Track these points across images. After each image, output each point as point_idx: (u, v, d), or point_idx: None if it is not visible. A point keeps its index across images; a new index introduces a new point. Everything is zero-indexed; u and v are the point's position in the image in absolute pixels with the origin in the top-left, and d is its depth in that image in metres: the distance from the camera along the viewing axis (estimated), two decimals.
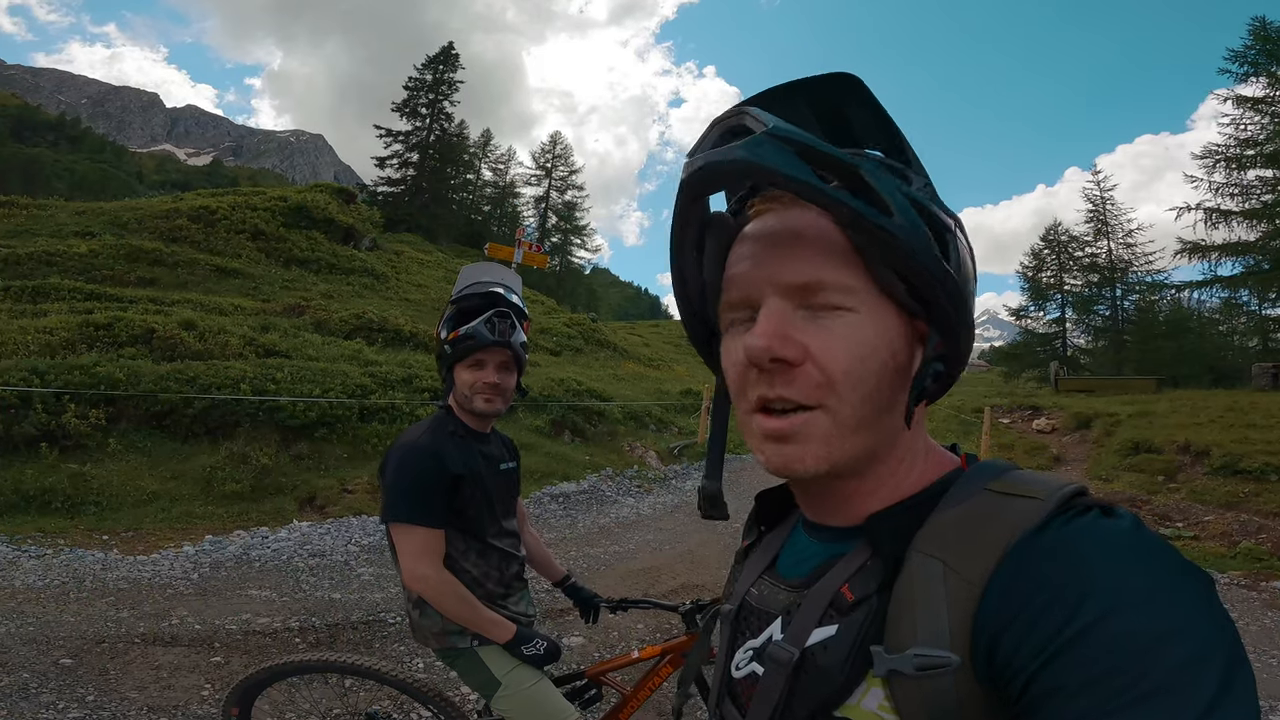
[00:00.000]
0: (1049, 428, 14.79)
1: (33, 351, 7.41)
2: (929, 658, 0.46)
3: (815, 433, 0.53)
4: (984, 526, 0.49)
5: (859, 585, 0.54)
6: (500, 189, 47.82)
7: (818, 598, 0.56)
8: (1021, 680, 0.43)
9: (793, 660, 0.55)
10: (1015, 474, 0.54)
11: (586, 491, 8.07)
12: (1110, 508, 0.48)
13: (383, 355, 10.69)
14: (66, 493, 5.84)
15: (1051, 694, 0.41)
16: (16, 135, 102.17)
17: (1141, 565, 0.43)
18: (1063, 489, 0.49)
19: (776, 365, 0.52)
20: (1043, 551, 0.46)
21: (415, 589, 1.74)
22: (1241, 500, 8.22)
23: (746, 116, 0.52)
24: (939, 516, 0.53)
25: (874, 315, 0.53)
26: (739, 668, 0.63)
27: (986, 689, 0.45)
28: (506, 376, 1.85)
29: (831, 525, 0.60)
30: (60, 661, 3.32)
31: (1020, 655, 0.43)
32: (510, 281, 1.91)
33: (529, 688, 1.80)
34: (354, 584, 4.75)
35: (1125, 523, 0.47)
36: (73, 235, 14.92)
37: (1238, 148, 20.67)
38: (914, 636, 0.48)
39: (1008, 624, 0.44)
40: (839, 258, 0.53)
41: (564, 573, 2.22)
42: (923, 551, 0.51)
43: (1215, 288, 21.16)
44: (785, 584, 0.62)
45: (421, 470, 1.72)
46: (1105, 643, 0.40)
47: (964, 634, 0.46)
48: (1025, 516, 0.48)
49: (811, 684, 0.53)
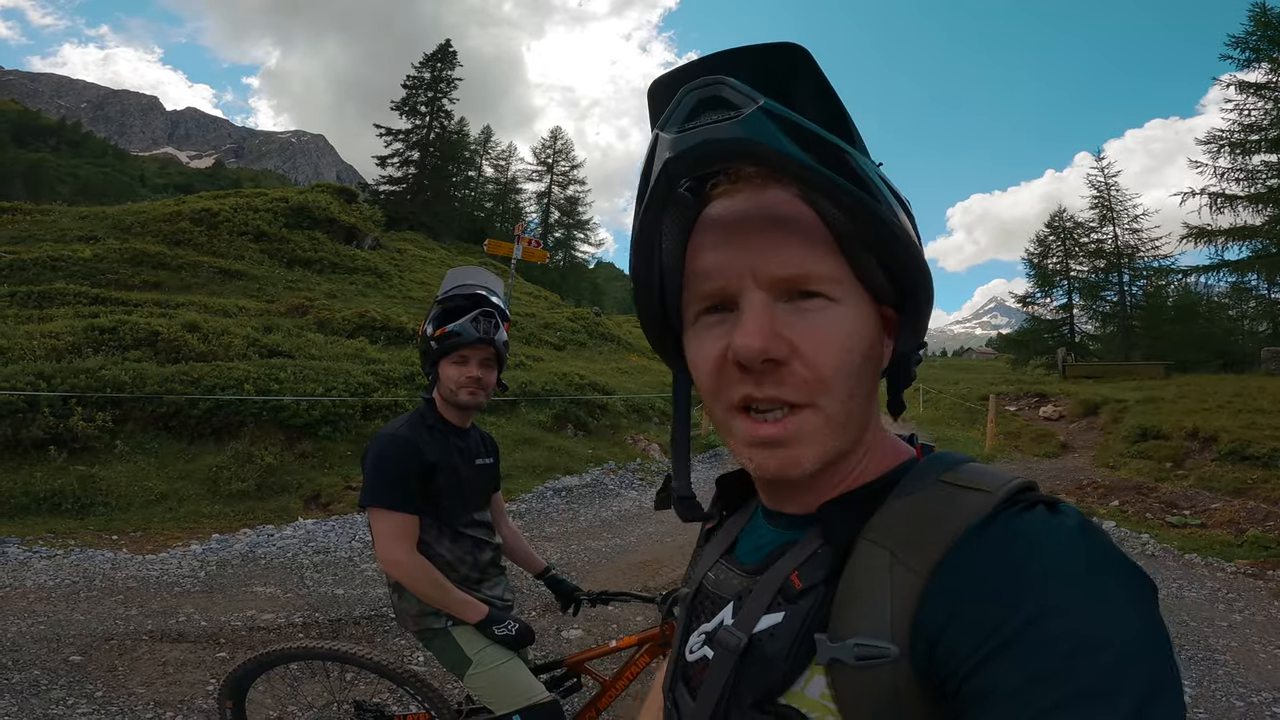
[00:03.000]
0: (1056, 415, 14.73)
1: (39, 356, 7.47)
2: (869, 648, 0.46)
3: (808, 433, 0.51)
4: (932, 518, 0.49)
5: (808, 573, 0.53)
6: (502, 185, 47.81)
7: (768, 584, 0.56)
8: (958, 678, 0.42)
9: (740, 646, 0.54)
10: (968, 466, 0.54)
11: (589, 485, 8.09)
12: (1056, 503, 0.48)
13: (385, 353, 10.74)
14: (76, 494, 5.90)
15: (985, 694, 0.41)
16: (17, 140, 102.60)
17: (1081, 566, 0.43)
18: (1010, 483, 0.49)
19: (767, 365, 0.50)
20: (986, 547, 0.45)
21: (388, 571, 1.82)
22: (1250, 487, 8.17)
23: (724, 87, 0.48)
24: (890, 506, 0.52)
25: (855, 305, 0.52)
26: (692, 651, 0.62)
27: (924, 682, 0.44)
28: (488, 372, 1.93)
29: (788, 512, 0.60)
30: (70, 659, 3.37)
31: (958, 652, 0.43)
32: (494, 285, 2.00)
33: (499, 665, 1.86)
34: (357, 579, 4.79)
35: (1070, 520, 0.46)
36: (76, 240, 15.03)
37: (1242, 133, 20.48)
38: (857, 626, 0.47)
39: (948, 619, 0.44)
40: (822, 246, 0.51)
41: (544, 565, 2.28)
42: (871, 540, 0.50)
43: (1223, 272, 21.01)
44: (740, 569, 0.62)
45: (398, 458, 1.80)
46: (1039, 644, 0.40)
47: (905, 626, 0.46)
48: (972, 510, 0.48)
49: (757, 670, 0.53)
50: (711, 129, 0.46)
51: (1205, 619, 4.65)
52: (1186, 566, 5.91)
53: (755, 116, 0.45)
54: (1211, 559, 6.05)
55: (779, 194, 0.51)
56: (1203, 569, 5.82)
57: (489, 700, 1.88)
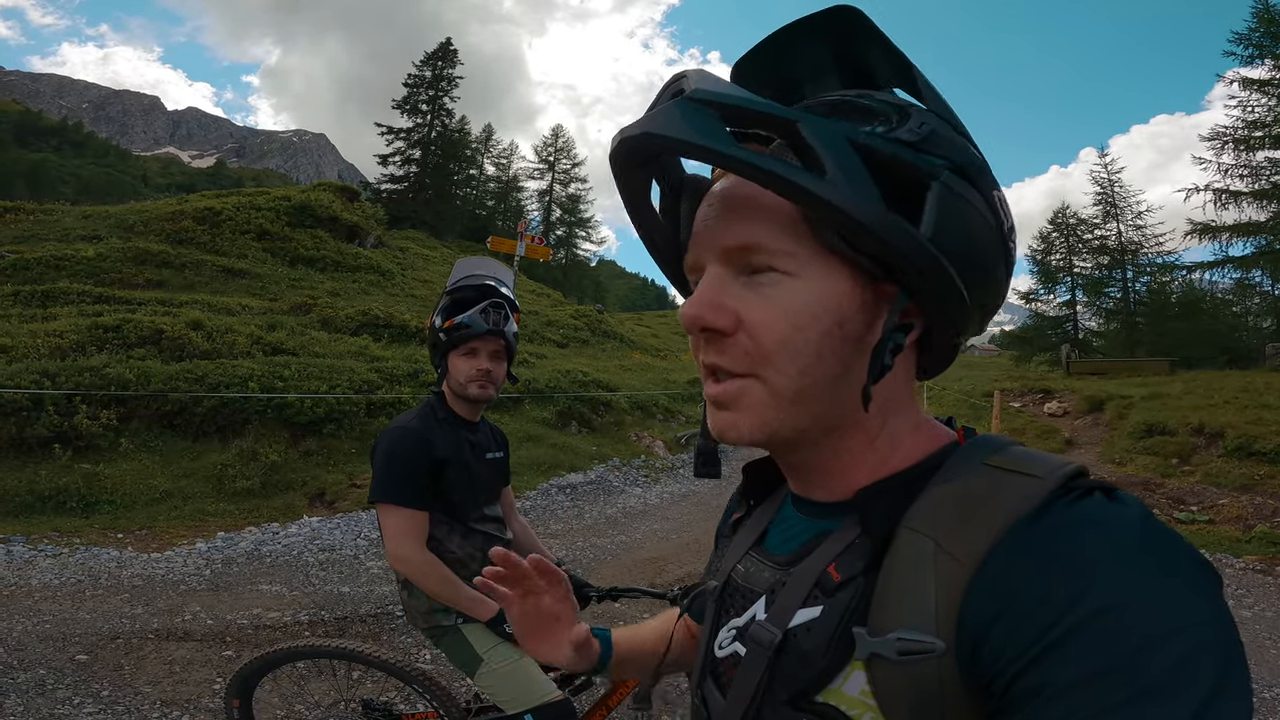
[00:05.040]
0: (1061, 411, 14.69)
1: (43, 354, 7.48)
2: (912, 642, 0.44)
3: (750, 401, 0.52)
4: (980, 504, 0.46)
5: (846, 565, 0.51)
6: (504, 183, 47.79)
7: (803, 577, 0.54)
8: (1009, 674, 0.40)
9: (775, 642, 0.53)
10: (1015, 449, 0.51)
11: (594, 482, 8.08)
12: (1113, 490, 0.45)
13: (389, 351, 10.74)
14: (81, 492, 5.91)
15: (1037, 691, 0.39)
16: (20, 141, 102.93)
17: (1145, 558, 0.41)
18: (1064, 468, 0.46)
19: (710, 334, 0.51)
20: (1040, 536, 0.43)
21: (397, 568, 1.80)
22: (1257, 482, 8.13)
23: (684, 80, 0.48)
24: (932, 492, 0.50)
25: (817, 280, 0.50)
26: (722, 646, 0.61)
27: (969, 679, 0.43)
28: (498, 365, 1.90)
29: (819, 500, 0.58)
30: (76, 658, 3.37)
31: (1009, 648, 0.41)
32: (503, 276, 1.98)
33: (510, 664, 1.83)
34: (363, 577, 4.78)
35: (1132, 511, 0.43)
36: (80, 239, 15.04)
37: (1245, 129, 20.39)
38: (899, 619, 0.45)
39: (998, 614, 0.42)
40: (781, 219, 0.50)
41: (554, 560, 2.24)
42: (913, 529, 0.48)
43: (1227, 268, 20.93)
44: (772, 561, 0.60)
45: (408, 454, 1.77)
46: (1099, 641, 0.38)
47: (950, 619, 0.43)
48: (1024, 496, 0.45)
49: (793, 667, 0.51)
50: (630, 127, 0.49)
51: None
52: None
53: (667, 109, 0.46)
54: (1220, 555, 6.03)
55: None
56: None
57: (500, 699, 1.86)
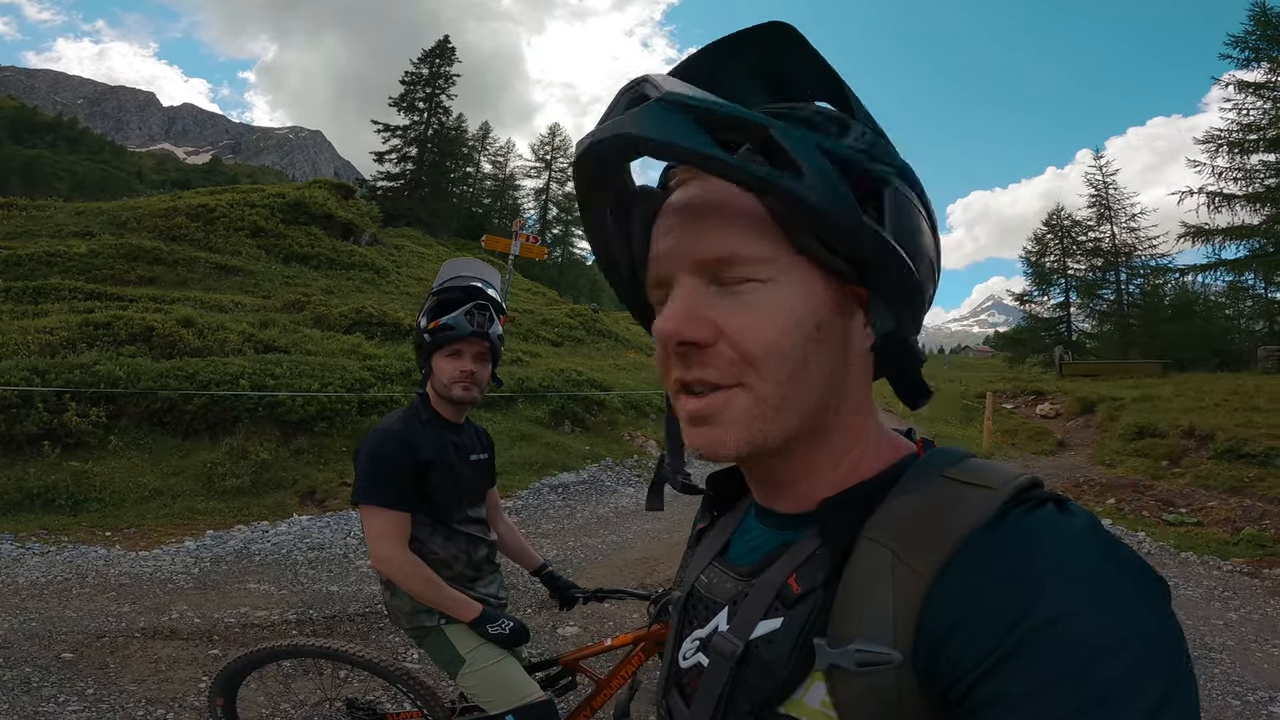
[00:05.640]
0: (1053, 412, 14.75)
1: (33, 351, 7.43)
2: (870, 653, 0.44)
3: (735, 413, 0.50)
4: (937, 516, 0.47)
5: (806, 576, 0.51)
6: (500, 182, 47.75)
7: (764, 588, 0.54)
8: (965, 684, 0.41)
9: (736, 653, 0.53)
10: (971, 462, 0.52)
11: (586, 482, 8.07)
12: (1065, 501, 0.46)
13: (382, 349, 10.69)
14: (69, 490, 5.87)
15: (993, 701, 0.39)
16: (14, 137, 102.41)
17: (1093, 568, 0.42)
18: (1017, 479, 0.47)
19: (687, 348, 0.50)
20: (994, 547, 0.44)
21: (380, 569, 1.81)
22: (1246, 485, 8.17)
23: (647, 84, 0.48)
24: (891, 504, 0.50)
25: (795, 284, 0.50)
26: (686, 657, 0.60)
27: (927, 689, 0.43)
28: (482, 367, 1.90)
29: (781, 511, 0.58)
30: (61, 656, 3.35)
31: (965, 658, 0.41)
32: (490, 278, 1.98)
33: (492, 664, 1.84)
34: (352, 576, 4.77)
35: (1080, 521, 0.44)
36: (72, 235, 14.95)
37: (1240, 132, 20.50)
38: (857, 629, 0.46)
39: (954, 624, 0.42)
40: (755, 226, 0.50)
41: (540, 561, 2.25)
42: (872, 539, 0.48)
43: (1220, 271, 21.03)
44: (734, 571, 0.60)
45: (391, 456, 1.78)
46: (1050, 650, 0.39)
47: (908, 630, 0.44)
48: (979, 508, 0.45)
49: (755, 678, 0.51)
50: (606, 128, 0.47)
51: (1201, 617, 4.65)
52: (1183, 565, 5.91)
53: (647, 110, 0.45)
54: (1208, 557, 6.06)
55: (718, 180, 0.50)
56: (1199, 567, 5.83)
57: (482, 699, 1.86)
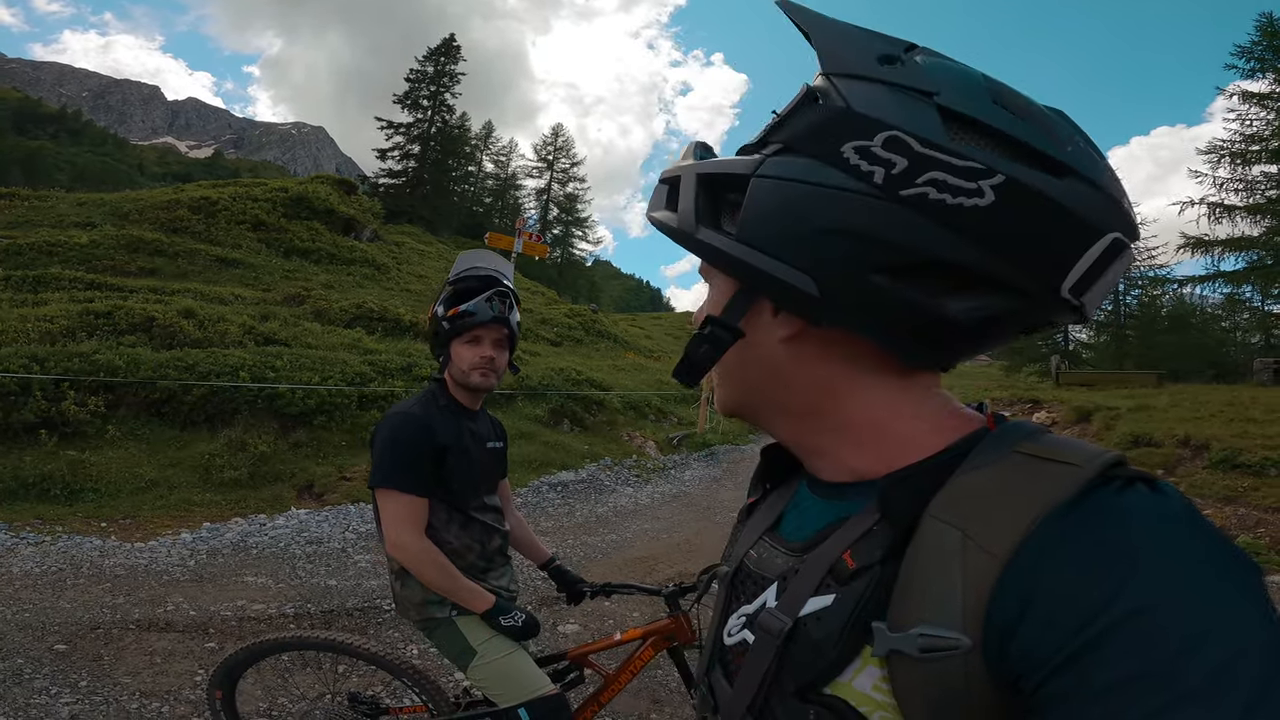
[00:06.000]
0: (1049, 421, 14.77)
1: (33, 339, 7.40)
2: (936, 638, 0.42)
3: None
4: (1012, 494, 0.43)
5: (862, 552, 0.49)
6: (502, 181, 47.78)
7: (816, 563, 0.52)
8: (1040, 674, 0.38)
9: (784, 630, 0.51)
10: (1049, 436, 0.48)
11: (585, 481, 8.06)
12: (1155, 481, 0.43)
13: (382, 344, 10.69)
14: (65, 480, 5.83)
15: (1071, 694, 0.37)
16: (18, 128, 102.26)
17: (1187, 555, 0.39)
18: (1103, 456, 0.43)
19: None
20: (1077, 528, 0.40)
21: (395, 555, 1.78)
22: (1240, 494, 8.20)
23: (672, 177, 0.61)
24: (960, 480, 0.47)
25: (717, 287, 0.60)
26: (731, 634, 0.59)
27: (996, 677, 0.40)
28: (501, 353, 1.90)
29: (826, 479, 0.56)
30: (55, 647, 3.32)
31: (1041, 647, 0.38)
32: (505, 269, 1.99)
33: (504, 657, 1.82)
34: (350, 571, 4.75)
35: (1175, 503, 0.41)
36: (73, 226, 14.91)
37: (1243, 143, 20.55)
38: (922, 614, 0.43)
39: (1029, 610, 0.39)
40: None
41: (549, 555, 2.24)
42: (939, 518, 0.45)
43: (1218, 283, 21.11)
44: (785, 547, 0.58)
45: (410, 439, 1.77)
46: (1137, 642, 0.36)
47: (978, 616, 0.41)
48: (1060, 485, 0.42)
49: (803, 657, 0.49)
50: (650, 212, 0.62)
51: None
52: None
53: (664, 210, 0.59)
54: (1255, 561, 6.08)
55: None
56: None
57: (493, 692, 1.84)
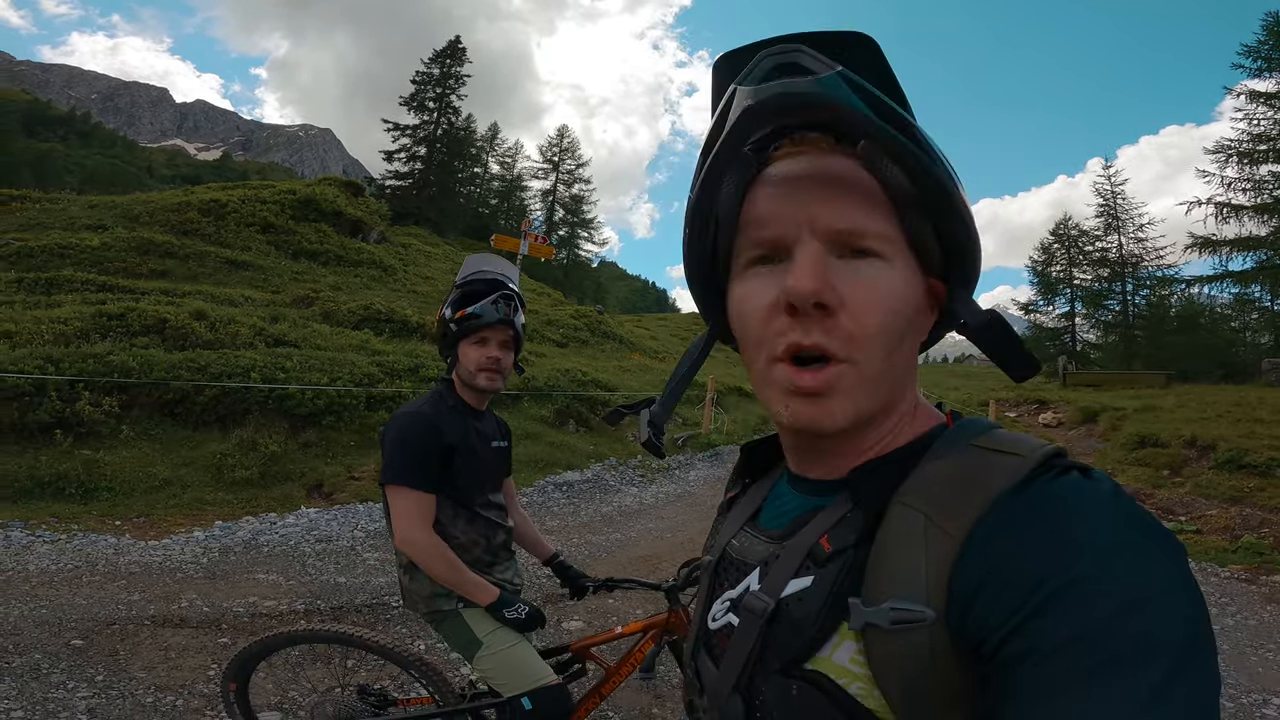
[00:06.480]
0: (1055, 421, 14.76)
1: (47, 341, 7.52)
2: (905, 611, 0.46)
3: (844, 387, 0.52)
4: (968, 481, 0.49)
5: (837, 536, 0.53)
6: (507, 182, 47.84)
7: (796, 548, 0.56)
8: (995, 641, 0.42)
9: (768, 610, 0.54)
10: (999, 432, 0.54)
11: (590, 480, 8.12)
12: (1089, 469, 0.48)
13: (390, 345, 10.77)
14: (80, 479, 5.94)
15: (1023, 657, 0.40)
16: (28, 130, 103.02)
17: (1117, 529, 0.43)
18: (1044, 447, 0.49)
19: (817, 311, 0.51)
20: (1022, 509, 0.45)
21: (404, 550, 1.84)
22: (1246, 495, 8.19)
23: (801, 54, 0.51)
24: (924, 469, 0.52)
25: (905, 269, 0.53)
26: (715, 619, 0.62)
27: (959, 645, 0.44)
28: (507, 354, 1.97)
29: (815, 478, 0.60)
30: (71, 643, 3.38)
31: (994, 615, 0.42)
32: (510, 273, 2.04)
33: (508, 648, 1.88)
34: (359, 568, 4.83)
35: (1104, 486, 0.46)
36: (85, 228, 15.09)
37: (1250, 143, 20.45)
38: (891, 589, 0.47)
39: (984, 582, 0.44)
40: (879, 207, 0.53)
41: (552, 551, 2.30)
42: (905, 503, 0.50)
43: (1226, 283, 21.00)
44: (766, 535, 0.61)
45: (419, 437, 1.83)
46: (1077, 605, 0.40)
47: (941, 589, 0.45)
48: (1008, 473, 0.47)
49: (784, 635, 0.53)
50: (790, 83, 0.49)
51: None
52: None
53: (833, 79, 0.48)
54: (1205, 564, 6.09)
55: (841, 160, 0.53)
56: (1197, 574, 5.75)
57: (497, 682, 1.91)
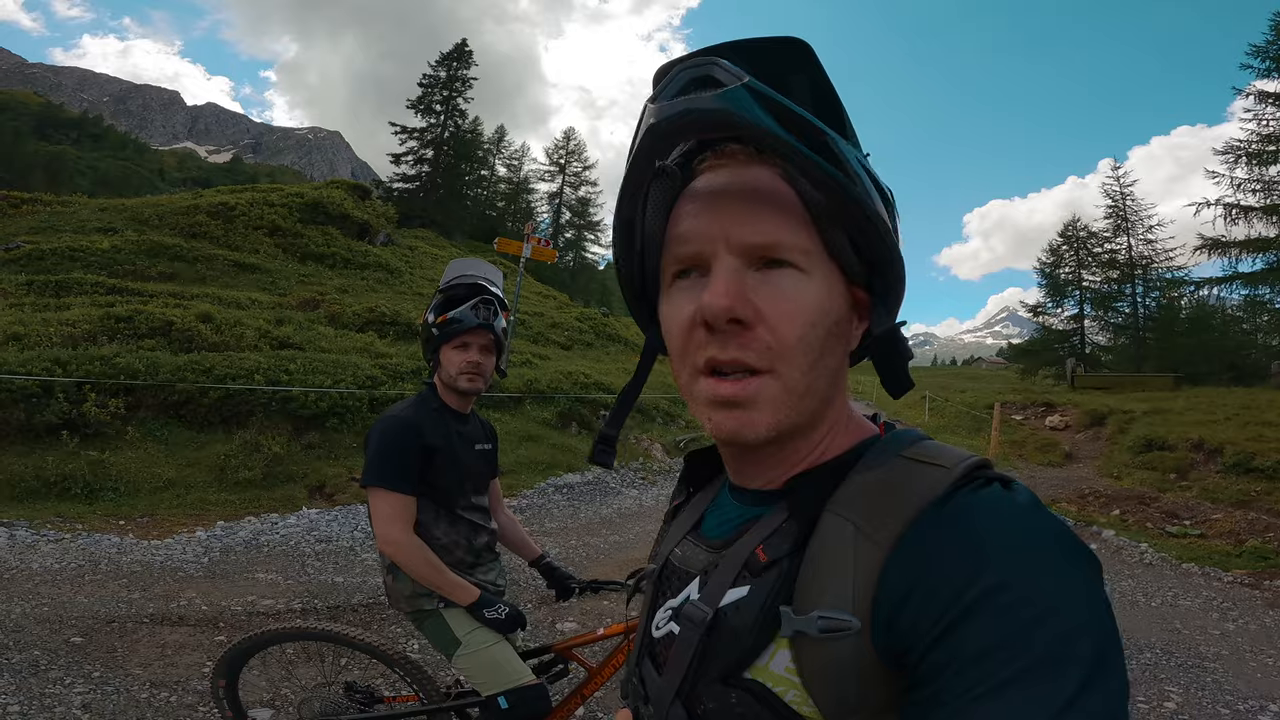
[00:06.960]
0: (1062, 424, 14.66)
1: (55, 343, 7.63)
2: (833, 620, 0.46)
3: (765, 398, 0.52)
4: (894, 492, 0.50)
5: (773, 546, 0.54)
6: (514, 185, 47.97)
7: (734, 558, 0.56)
8: (920, 649, 0.43)
9: (706, 620, 0.55)
10: (926, 443, 0.55)
11: (591, 483, 8.15)
12: (1010, 481, 0.50)
13: (394, 348, 10.85)
14: (86, 479, 6.01)
15: (945, 666, 0.42)
16: (40, 133, 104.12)
17: (1032, 540, 0.44)
18: (967, 459, 0.50)
19: (732, 326, 0.52)
20: (944, 521, 0.46)
21: (385, 551, 1.88)
22: (1253, 499, 8.13)
23: (715, 67, 0.50)
24: (854, 479, 0.53)
25: (824, 280, 0.54)
26: (659, 627, 0.63)
27: (885, 654, 0.45)
28: (487, 358, 1.99)
29: (754, 488, 0.61)
30: (70, 640, 3.42)
31: (918, 624, 0.43)
32: (493, 276, 2.06)
33: (487, 648, 1.90)
34: (357, 568, 4.87)
35: (1022, 498, 0.48)
36: (95, 231, 15.27)
37: (1260, 143, 20.25)
38: (821, 598, 0.48)
39: (909, 592, 0.45)
40: (796, 219, 0.53)
41: (539, 552, 2.30)
42: (836, 513, 0.51)
43: (1236, 285, 20.79)
44: (707, 544, 0.62)
45: (399, 439, 1.86)
46: (994, 615, 0.41)
47: (867, 598, 0.46)
48: (931, 485, 0.49)
49: (723, 644, 0.53)
50: (694, 99, 0.49)
51: (1198, 627, 4.65)
52: (1183, 575, 5.89)
53: (737, 92, 0.48)
54: (1209, 568, 6.04)
55: (761, 171, 0.54)
56: (1199, 578, 5.81)
57: (476, 681, 1.93)
